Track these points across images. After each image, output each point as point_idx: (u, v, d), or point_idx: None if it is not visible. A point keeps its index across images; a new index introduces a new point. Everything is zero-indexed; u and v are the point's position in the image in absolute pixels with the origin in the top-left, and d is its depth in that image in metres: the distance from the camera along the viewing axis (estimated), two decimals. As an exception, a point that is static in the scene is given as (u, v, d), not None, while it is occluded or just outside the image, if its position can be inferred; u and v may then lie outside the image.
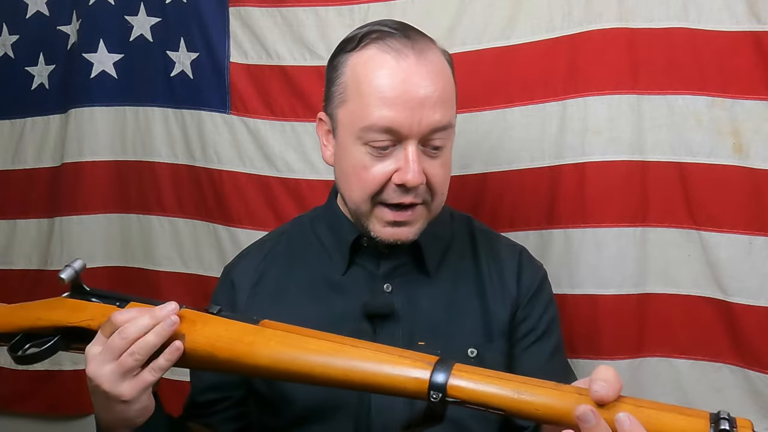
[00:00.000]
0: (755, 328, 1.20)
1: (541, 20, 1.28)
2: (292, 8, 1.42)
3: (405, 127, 0.89)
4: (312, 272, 1.02)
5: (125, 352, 0.76)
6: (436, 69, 0.91)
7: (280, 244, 1.07)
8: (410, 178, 0.89)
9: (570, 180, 1.28)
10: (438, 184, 0.94)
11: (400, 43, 0.91)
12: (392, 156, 0.91)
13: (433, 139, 0.91)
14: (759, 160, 1.19)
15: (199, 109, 1.50)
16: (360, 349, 0.72)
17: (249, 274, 1.04)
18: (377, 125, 0.89)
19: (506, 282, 1.02)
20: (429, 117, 0.89)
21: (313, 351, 0.73)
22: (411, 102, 0.88)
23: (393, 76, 0.89)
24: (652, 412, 0.64)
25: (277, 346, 0.74)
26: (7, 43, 1.61)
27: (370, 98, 0.90)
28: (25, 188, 1.63)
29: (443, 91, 0.91)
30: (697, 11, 1.20)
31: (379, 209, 0.93)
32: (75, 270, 0.83)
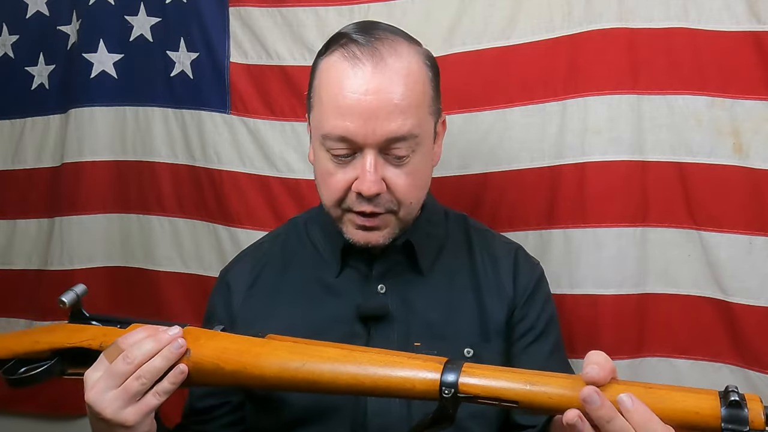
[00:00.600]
0: (755, 328, 1.20)
1: (541, 20, 1.28)
2: (292, 8, 1.42)
3: (359, 137, 0.88)
4: (306, 274, 1.02)
5: (131, 376, 0.75)
6: (397, 76, 0.89)
7: (275, 246, 1.08)
8: (365, 188, 0.89)
9: (570, 180, 1.28)
10: (402, 193, 0.92)
11: (359, 50, 0.89)
12: (352, 164, 0.91)
13: (394, 149, 0.90)
14: (759, 160, 1.19)
15: (199, 109, 1.50)
16: (369, 353, 0.73)
17: (244, 276, 1.05)
18: (332, 134, 0.89)
19: (502, 281, 1.02)
20: (384, 126, 0.88)
21: (320, 358, 0.73)
22: (364, 112, 0.87)
23: (347, 86, 0.88)
24: (661, 392, 0.65)
25: (284, 354, 0.74)
26: (7, 43, 1.61)
27: (327, 106, 0.90)
28: (25, 188, 1.63)
29: (403, 100, 0.88)
30: (697, 11, 1.20)
31: (349, 215, 0.94)
32: (77, 294, 0.83)
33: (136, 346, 0.76)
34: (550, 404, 0.67)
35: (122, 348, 0.76)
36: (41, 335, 0.83)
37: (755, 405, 0.64)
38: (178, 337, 0.76)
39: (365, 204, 0.91)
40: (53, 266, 1.60)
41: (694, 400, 0.64)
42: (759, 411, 0.63)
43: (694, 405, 0.64)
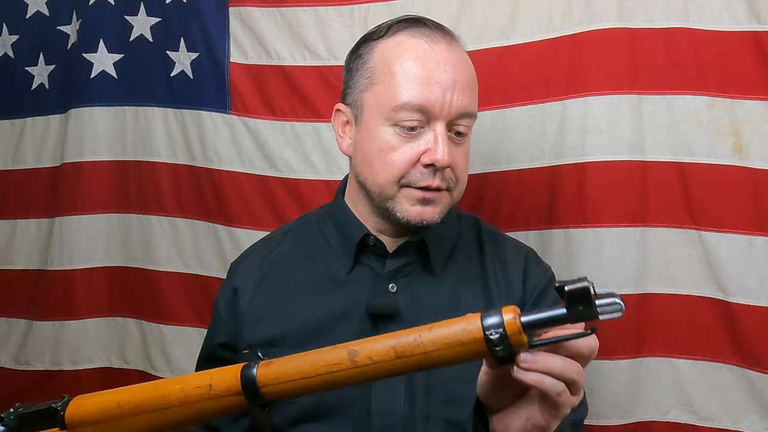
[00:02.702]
0: (755, 328, 1.20)
1: (541, 20, 1.28)
2: (292, 8, 1.42)
3: (437, 107, 0.91)
4: (317, 270, 1.02)
5: None
6: (464, 58, 0.96)
7: (285, 242, 1.07)
8: (440, 157, 0.90)
9: (570, 180, 1.28)
10: (461, 171, 0.96)
11: (430, 30, 0.95)
12: (420, 137, 0.93)
13: (459, 125, 0.94)
14: (759, 160, 1.19)
15: (199, 109, 1.50)
16: (171, 410, 0.70)
17: (252, 273, 1.04)
18: (410, 104, 0.91)
19: (512, 283, 1.02)
20: (459, 100, 0.92)
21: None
22: (444, 83, 0.91)
23: (426, 59, 0.92)
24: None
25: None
26: (7, 43, 1.61)
27: (402, 78, 0.92)
28: (25, 188, 1.63)
29: (471, 79, 0.96)
30: (697, 11, 1.20)
31: (406, 190, 0.94)
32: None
33: None
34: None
35: None
36: None
37: (511, 326, 0.64)
38: None
39: (431, 178, 0.92)
40: (53, 266, 1.60)
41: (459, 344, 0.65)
42: (516, 330, 0.64)
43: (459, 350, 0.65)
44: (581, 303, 0.63)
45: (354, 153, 0.99)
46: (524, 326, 0.64)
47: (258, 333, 0.99)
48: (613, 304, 0.63)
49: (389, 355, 0.66)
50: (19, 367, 1.65)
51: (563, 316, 0.64)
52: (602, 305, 0.63)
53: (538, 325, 0.65)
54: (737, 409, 1.23)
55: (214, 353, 1.05)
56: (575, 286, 0.63)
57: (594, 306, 0.63)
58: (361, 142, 0.97)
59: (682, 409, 1.26)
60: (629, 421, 1.28)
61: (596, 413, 1.28)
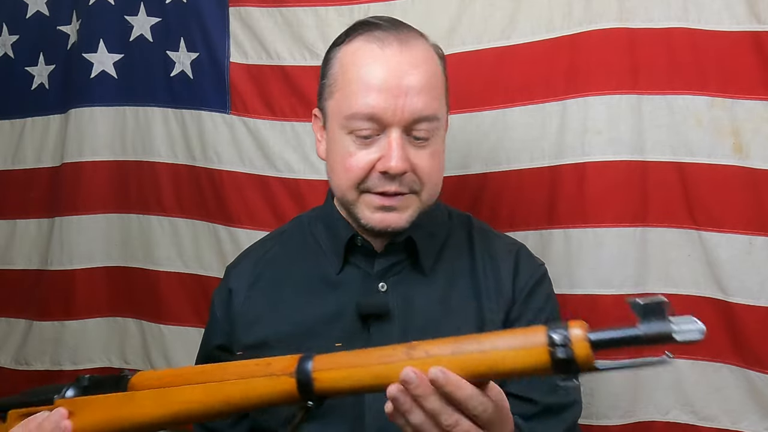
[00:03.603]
0: (755, 328, 1.20)
1: (541, 20, 1.28)
2: (292, 8, 1.42)
3: (388, 114, 0.90)
4: (308, 271, 1.02)
5: None
6: (420, 58, 0.93)
7: (278, 244, 1.08)
8: (392, 164, 0.90)
9: (570, 180, 1.28)
10: (426, 173, 0.94)
11: (384, 33, 0.93)
12: (376, 144, 0.92)
13: (417, 129, 0.92)
14: (759, 160, 1.19)
15: (199, 109, 1.50)
16: (227, 383, 0.73)
17: (246, 274, 1.05)
18: (360, 113, 0.91)
19: (502, 281, 1.01)
20: (412, 104, 0.90)
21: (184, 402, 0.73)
22: (393, 89, 0.90)
23: (376, 64, 0.91)
24: (492, 354, 0.64)
25: (149, 410, 0.75)
26: (7, 43, 1.61)
27: (355, 86, 0.92)
28: (25, 188, 1.63)
29: (428, 81, 0.92)
30: (697, 11, 1.20)
31: (366, 196, 0.94)
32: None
33: None
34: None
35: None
36: None
37: (580, 345, 0.60)
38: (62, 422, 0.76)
39: (389, 184, 0.92)
40: (53, 266, 1.60)
41: (523, 358, 0.62)
42: (585, 352, 0.60)
43: (522, 364, 0.62)
44: (656, 320, 0.59)
45: (326, 158, 1.00)
46: (594, 344, 0.60)
47: (252, 334, 1.00)
48: (691, 322, 0.59)
49: (446, 351, 0.65)
50: (19, 367, 1.65)
51: (636, 336, 0.60)
52: (679, 324, 0.59)
53: (608, 344, 0.60)
54: (737, 409, 1.23)
55: (211, 355, 1.05)
56: (651, 300, 0.59)
57: (670, 324, 0.59)
58: (328, 148, 0.98)
59: (682, 409, 1.26)
60: (629, 421, 1.28)
61: (596, 413, 1.28)
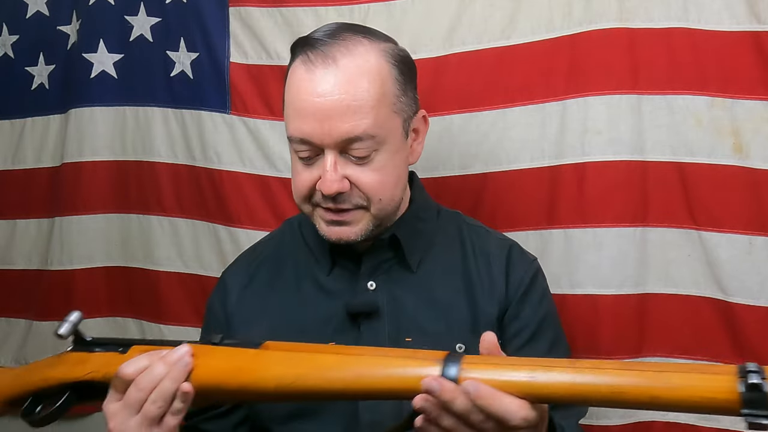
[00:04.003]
0: (755, 328, 1.20)
1: (541, 20, 1.28)
2: (292, 8, 1.41)
3: (316, 138, 0.90)
4: (299, 273, 1.03)
5: (147, 401, 0.75)
6: (347, 77, 0.89)
7: (270, 247, 1.09)
8: (325, 187, 0.90)
9: (570, 180, 1.28)
10: (371, 189, 0.92)
11: (314, 54, 0.91)
12: (316, 164, 0.93)
13: (353, 149, 0.90)
14: (759, 160, 1.19)
15: (199, 109, 1.50)
16: (363, 357, 0.72)
17: (240, 275, 1.07)
18: (294, 137, 0.92)
19: (494, 277, 1.01)
20: (338, 128, 0.88)
21: (316, 367, 0.73)
22: (318, 114, 0.89)
23: (303, 89, 0.90)
24: (670, 375, 0.62)
25: (280, 368, 0.74)
26: (7, 43, 1.61)
27: (288, 110, 0.93)
28: (25, 188, 1.63)
29: (355, 99, 0.88)
30: (697, 11, 1.20)
31: (319, 210, 0.95)
32: (72, 323, 0.83)
33: (146, 373, 0.76)
34: (554, 397, 0.66)
35: (124, 377, 0.76)
36: (47, 370, 0.85)
37: None
38: (183, 359, 0.76)
39: (329, 201, 0.92)
40: (53, 266, 1.60)
41: (710, 381, 0.60)
42: None
43: (708, 389, 0.60)
44: None
45: None
46: None
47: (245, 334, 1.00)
48: None
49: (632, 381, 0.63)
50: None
51: None
52: None
53: None
54: (737, 409, 1.23)
55: None
56: None
57: None
58: None
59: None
60: (629, 421, 1.28)
61: (596, 413, 1.28)
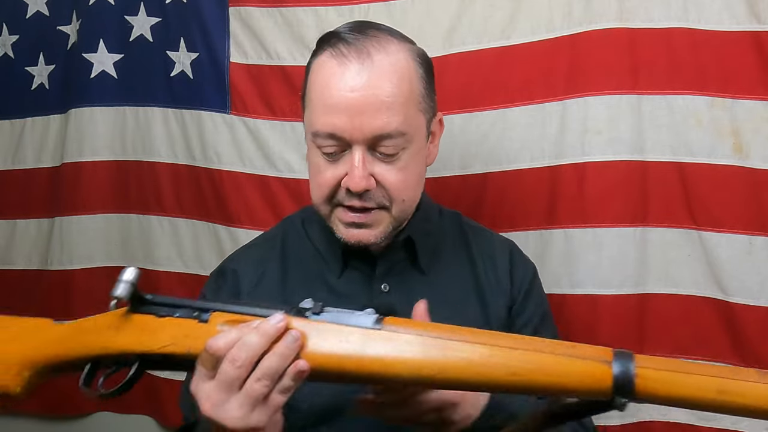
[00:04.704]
0: (755, 328, 1.20)
1: (541, 20, 1.28)
2: (292, 8, 1.41)
3: (347, 134, 0.89)
4: (309, 275, 1.02)
5: (249, 379, 0.68)
6: (382, 73, 0.89)
7: (275, 247, 1.06)
8: (353, 183, 0.89)
9: (570, 180, 1.28)
10: (394, 189, 0.92)
11: (347, 48, 0.90)
12: (341, 160, 0.91)
13: (382, 146, 0.90)
14: (759, 160, 1.19)
15: (199, 109, 1.50)
16: (519, 351, 0.66)
17: (252, 266, 1.03)
18: (322, 132, 0.90)
19: (500, 276, 1.03)
20: (370, 123, 0.88)
21: (463, 359, 0.65)
22: (350, 109, 0.88)
23: (334, 84, 0.89)
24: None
25: (418, 358, 0.66)
26: (7, 43, 1.61)
27: (316, 105, 0.91)
28: (25, 188, 1.63)
29: (389, 96, 0.89)
30: (697, 11, 1.20)
31: (339, 211, 0.94)
32: (130, 283, 0.71)
33: (239, 346, 0.68)
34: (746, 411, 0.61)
35: (216, 353, 0.68)
36: (109, 337, 0.73)
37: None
38: (291, 332, 0.69)
39: (355, 199, 0.91)
40: (53, 266, 1.60)
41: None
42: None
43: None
44: None
45: None
46: None
47: None
48: None
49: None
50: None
51: None
52: None
53: None
54: (737, 409, 1.23)
55: None
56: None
57: None
58: (307, 158, 0.98)
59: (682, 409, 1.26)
60: (629, 421, 1.28)
61: (596, 413, 1.28)
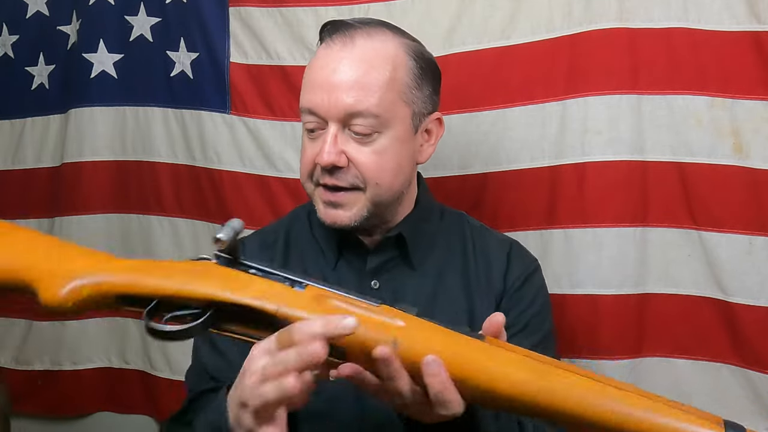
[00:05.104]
0: (755, 328, 1.20)
1: (541, 20, 1.28)
2: (292, 8, 1.42)
3: (322, 110, 0.93)
4: (308, 267, 1.03)
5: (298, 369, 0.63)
6: (361, 55, 0.94)
7: (280, 232, 1.08)
8: (323, 158, 0.93)
9: (570, 180, 1.28)
10: (366, 170, 0.94)
11: (337, 34, 0.96)
12: (319, 138, 0.95)
13: (354, 125, 0.93)
14: (759, 160, 1.19)
15: (199, 109, 1.50)
16: (626, 392, 0.63)
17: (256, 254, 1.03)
18: (304, 107, 0.96)
19: (493, 278, 1.02)
20: (343, 100, 0.92)
21: (567, 385, 0.63)
22: (327, 86, 0.93)
23: (317, 64, 0.96)
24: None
25: (520, 373, 0.63)
26: (7, 43, 1.61)
27: (304, 84, 0.98)
28: (25, 188, 1.63)
29: (365, 76, 0.93)
30: (697, 11, 1.20)
31: (318, 190, 0.97)
32: (234, 229, 0.68)
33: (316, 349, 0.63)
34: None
35: (297, 340, 0.63)
36: (189, 278, 0.67)
37: None
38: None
39: (327, 176, 0.94)
40: (53, 266, 1.60)
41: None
42: None
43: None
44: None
45: None
46: None
47: None
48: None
49: None
50: (19, 367, 1.65)
51: None
52: None
53: None
54: (737, 409, 1.23)
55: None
56: None
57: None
58: None
59: (682, 409, 1.26)
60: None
61: (596, 413, 1.28)
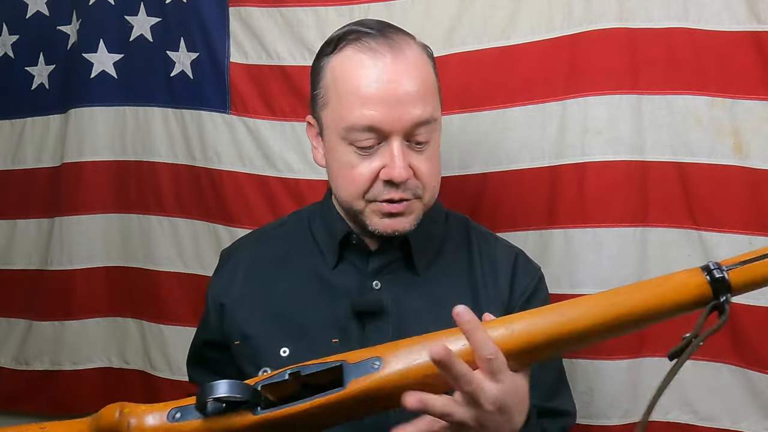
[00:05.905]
0: (755, 328, 1.20)
1: (541, 20, 1.28)
2: (292, 8, 1.42)
3: (387, 125, 0.90)
4: (305, 267, 1.03)
5: None
6: (413, 65, 0.93)
7: (277, 237, 1.08)
8: (396, 174, 0.91)
9: (570, 180, 1.28)
10: (426, 177, 0.95)
11: (375, 42, 0.93)
12: (377, 153, 0.92)
13: (417, 134, 0.92)
14: (759, 160, 1.19)
15: (199, 109, 1.50)
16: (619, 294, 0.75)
17: (243, 264, 1.06)
18: (359, 125, 0.91)
19: (499, 285, 1.02)
20: (409, 112, 0.91)
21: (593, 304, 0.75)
22: (390, 99, 0.90)
23: (370, 76, 0.91)
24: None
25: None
26: (7, 43, 1.61)
27: (349, 99, 0.92)
28: (25, 188, 1.63)
29: (422, 85, 0.93)
30: (697, 11, 1.20)
31: (374, 205, 0.95)
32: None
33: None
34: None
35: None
36: None
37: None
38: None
39: (394, 191, 0.93)
40: (53, 266, 1.60)
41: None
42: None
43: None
44: None
45: (326, 165, 1.00)
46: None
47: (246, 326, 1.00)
48: None
49: None
50: (19, 367, 1.65)
51: None
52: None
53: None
54: (737, 409, 1.23)
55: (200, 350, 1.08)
56: None
57: None
58: (328, 158, 0.99)
59: (681, 409, 1.26)
60: (629, 421, 1.28)
61: (596, 413, 1.28)
